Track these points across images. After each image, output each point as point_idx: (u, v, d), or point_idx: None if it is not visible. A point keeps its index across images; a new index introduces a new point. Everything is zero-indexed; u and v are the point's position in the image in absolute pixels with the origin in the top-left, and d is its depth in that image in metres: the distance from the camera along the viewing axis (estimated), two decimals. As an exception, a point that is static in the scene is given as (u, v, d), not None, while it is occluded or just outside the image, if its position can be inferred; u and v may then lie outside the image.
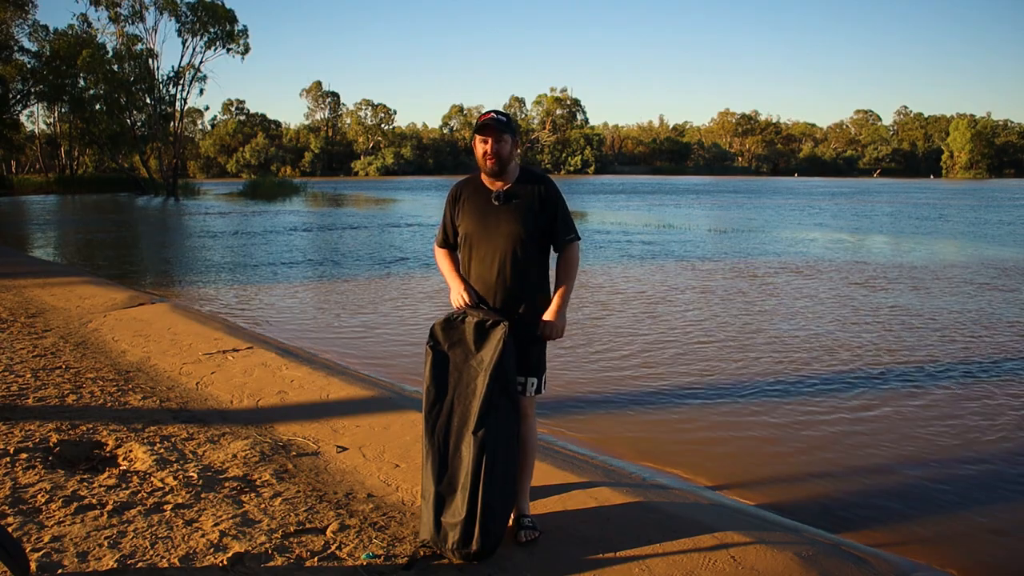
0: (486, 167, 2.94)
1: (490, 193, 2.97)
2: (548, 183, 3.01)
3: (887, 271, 12.58)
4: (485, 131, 2.90)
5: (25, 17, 42.28)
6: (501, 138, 2.90)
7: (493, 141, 2.89)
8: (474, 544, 2.68)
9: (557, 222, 2.98)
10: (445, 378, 2.82)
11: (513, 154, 2.96)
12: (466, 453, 2.72)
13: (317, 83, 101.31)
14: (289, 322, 8.60)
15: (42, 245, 18.85)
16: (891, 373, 6.28)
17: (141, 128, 48.88)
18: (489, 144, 2.89)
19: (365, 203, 38.18)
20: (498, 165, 2.92)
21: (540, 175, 3.05)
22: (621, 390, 5.81)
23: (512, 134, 2.94)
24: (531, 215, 2.93)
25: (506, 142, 2.91)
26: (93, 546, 2.80)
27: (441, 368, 2.82)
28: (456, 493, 2.73)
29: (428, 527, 2.77)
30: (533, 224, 2.93)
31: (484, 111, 3.04)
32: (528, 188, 2.97)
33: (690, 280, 11.49)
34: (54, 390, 5.00)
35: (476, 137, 2.94)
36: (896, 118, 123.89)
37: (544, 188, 2.98)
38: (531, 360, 2.96)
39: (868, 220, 25.71)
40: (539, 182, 3.00)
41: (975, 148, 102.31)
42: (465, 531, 2.68)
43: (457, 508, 2.71)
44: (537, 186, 2.98)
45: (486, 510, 2.69)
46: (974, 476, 4.27)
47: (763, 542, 3.04)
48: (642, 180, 75.77)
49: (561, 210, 2.99)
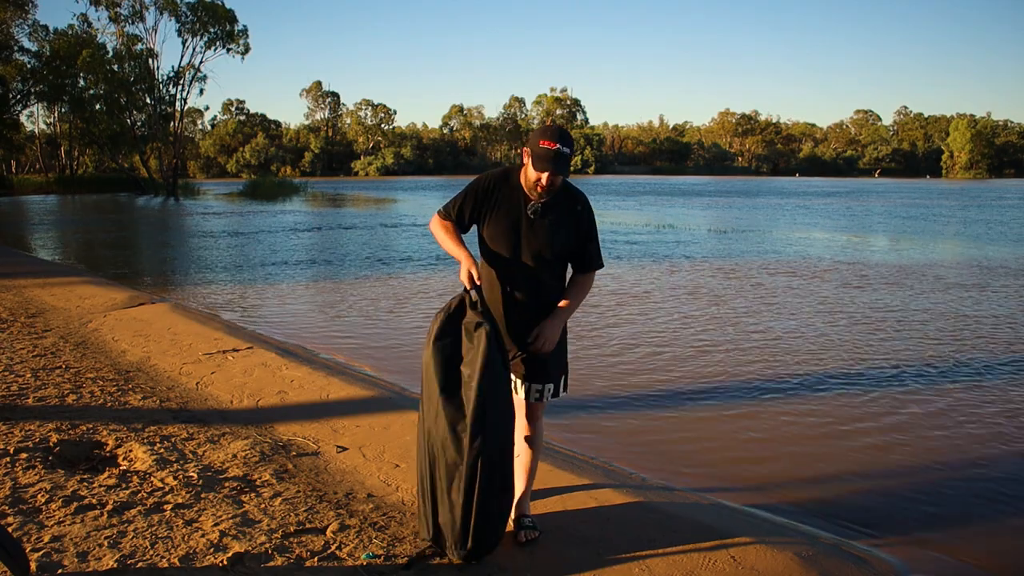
0: (535, 193, 2.79)
1: (526, 201, 2.82)
2: (585, 204, 2.88)
3: (885, 271, 12.58)
4: (547, 165, 2.68)
5: (25, 17, 42.31)
6: (560, 175, 2.73)
7: (551, 175, 2.71)
8: (469, 542, 2.67)
9: (587, 252, 2.90)
10: (443, 375, 2.79)
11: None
12: (459, 454, 2.67)
13: (317, 83, 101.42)
14: (289, 322, 8.60)
15: (42, 245, 18.85)
16: (891, 373, 6.28)
17: (141, 128, 48.89)
18: (545, 178, 2.72)
19: (365, 203, 38.18)
20: (548, 195, 2.79)
21: (578, 193, 2.90)
22: (621, 390, 5.80)
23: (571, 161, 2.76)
24: (563, 233, 2.83)
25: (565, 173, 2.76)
26: (93, 546, 2.80)
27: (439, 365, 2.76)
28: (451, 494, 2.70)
29: (427, 527, 2.77)
30: (563, 244, 2.84)
31: (547, 129, 2.74)
32: (566, 206, 2.84)
33: (690, 280, 11.50)
34: (54, 390, 5.00)
35: (533, 157, 2.72)
36: (896, 118, 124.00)
37: (581, 209, 2.86)
38: (548, 367, 2.93)
39: (857, 220, 25.71)
40: (577, 202, 2.86)
41: (975, 148, 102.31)
42: (461, 532, 2.67)
43: (453, 509, 2.69)
44: (575, 206, 2.85)
45: (481, 510, 2.66)
46: (974, 476, 4.26)
47: (763, 542, 3.04)
48: (640, 180, 75.71)
49: (594, 239, 2.90)
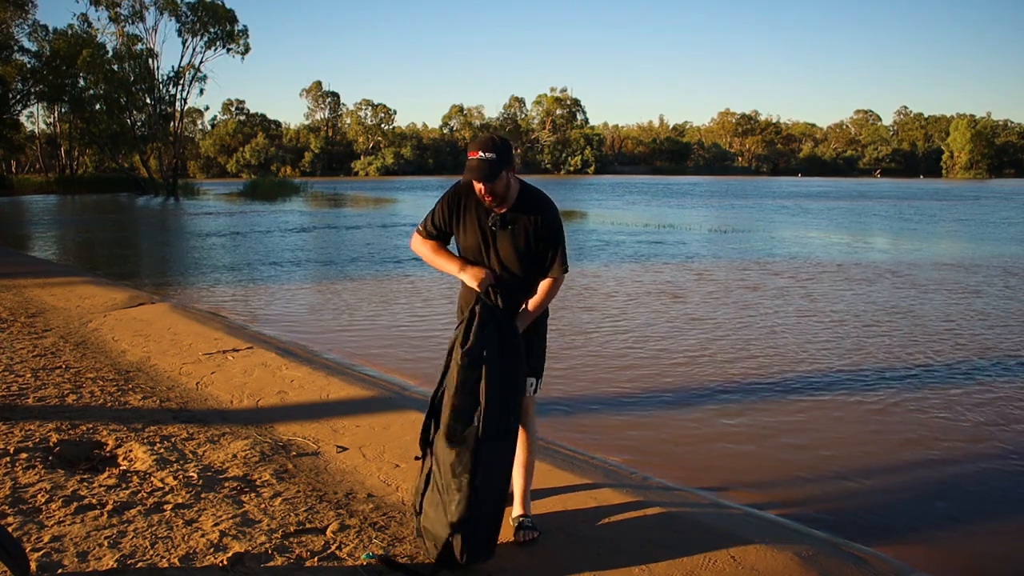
0: (484, 203, 2.81)
1: (488, 213, 2.84)
2: (547, 213, 2.84)
3: (881, 271, 12.59)
4: (472, 174, 2.71)
5: (25, 17, 42.30)
6: (494, 183, 2.72)
7: (482, 184, 2.72)
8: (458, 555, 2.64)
9: (548, 259, 2.85)
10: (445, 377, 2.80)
11: (509, 182, 2.79)
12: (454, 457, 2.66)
13: (317, 83, 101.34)
14: (289, 322, 8.60)
15: (42, 245, 18.85)
16: (891, 373, 6.28)
17: (141, 128, 48.90)
18: (478, 188, 2.75)
19: (365, 203, 38.19)
20: (496, 201, 2.79)
21: (540, 202, 2.85)
22: (621, 390, 5.81)
23: (508, 166, 2.73)
24: (527, 244, 2.82)
25: (501, 179, 2.73)
26: (93, 546, 2.80)
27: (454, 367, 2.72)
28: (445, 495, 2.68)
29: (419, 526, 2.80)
30: (526, 252, 2.83)
31: (474, 138, 2.85)
32: (526, 217, 2.81)
33: (689, 281, 11.50)
34: (54, 390, 5.00)
35: (465, 169, 2.76)
36: (896, 118, 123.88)
37: (541, 219, 2.81)
38: (533, 362, 2.94)
39: (843, 220, 25.72)
40: (538, 212, 2.82)
41: (975, 148, 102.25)
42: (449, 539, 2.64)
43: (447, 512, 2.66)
44: (536, 216, 2.82)
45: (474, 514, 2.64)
46: (975, 476, 4.27)
47: (763, 542, 3.04)
48: (639, 180, 75.72)
49: (558, 246, 2.84)
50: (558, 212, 2.89)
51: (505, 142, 2.79)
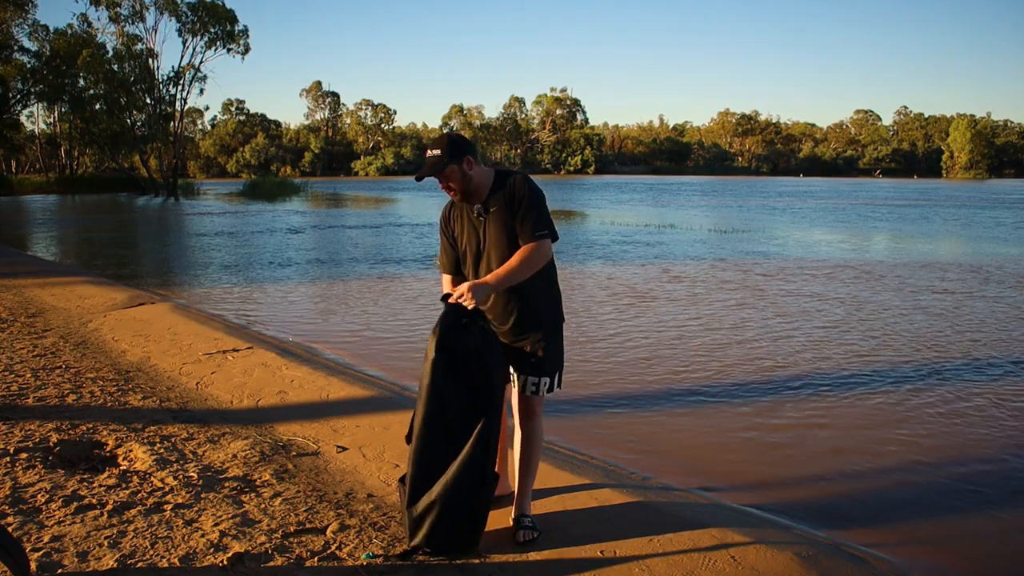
0: (455, 200, 2.95)
1: (473, 209, 2.93)
2: (514, 183, 2.86)
3: (879, 271, 12.59)
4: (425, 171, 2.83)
5: (25, 17, 42.35)
6: (446, 177, 2.82)
7: (440, 184, 2.86)
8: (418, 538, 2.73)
9: (518, 219, 2.82)
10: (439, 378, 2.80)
11: (472, 171, 2.83)
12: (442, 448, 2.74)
13: (317, 83, 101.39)
14: (289, 322, 8.60)
15: (42, 245, 18.85)
16: (890, 373, 6.28)
17: (141, 128, 48.88)
18: (440, 184, 2.86)
19: (365, 203, 38.18)
20: (463, 194, 2.88)
21: (509, 178, 2.89)
22: (621, 390, 5.80)
23: (458, 160, 2.79)
24: (509, 219, 2.86)
25: (454, 172, 2.80)
26: (93, 546, 2.80)
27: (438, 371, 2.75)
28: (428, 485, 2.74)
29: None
30: (512, 232, 2.86)
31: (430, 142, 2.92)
32: (500, 194, 2.87)
33: (692, 281, 11.49)
34: (54, 390, 5.00)
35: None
36: (896, 118, 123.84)
37: (512, 190, 2.85)
38: (541, 361, 2.94)
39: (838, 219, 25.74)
40: (506, 187, 2.86)
41: (975, 148, 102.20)
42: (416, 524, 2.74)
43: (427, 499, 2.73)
44: (507, 191, 2.86)
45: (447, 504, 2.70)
46: (975, 475, 4.26)
47: (763, 542, 3.04)
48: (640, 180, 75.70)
49: (524, 207, 2.81)
50: (530, 180, 2.90)
51: (455, 137, 2.89)
